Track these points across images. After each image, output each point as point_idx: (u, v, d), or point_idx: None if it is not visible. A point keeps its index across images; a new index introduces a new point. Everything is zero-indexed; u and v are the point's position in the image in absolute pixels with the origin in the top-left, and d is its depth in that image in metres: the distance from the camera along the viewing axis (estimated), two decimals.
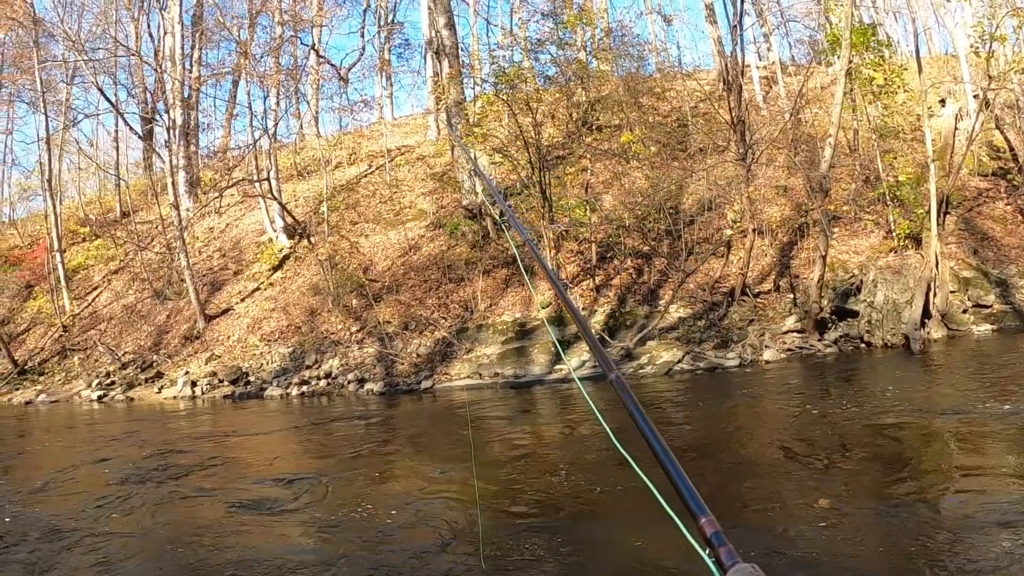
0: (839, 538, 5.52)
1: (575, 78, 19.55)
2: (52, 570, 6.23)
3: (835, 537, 5.53)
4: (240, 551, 6.36)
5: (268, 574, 5.74)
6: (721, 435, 9.40)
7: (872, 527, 5.67)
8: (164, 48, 29.52)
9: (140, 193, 32.62)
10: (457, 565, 5.65)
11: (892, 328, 14.26)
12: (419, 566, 5.70)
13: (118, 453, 11.78)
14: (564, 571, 5.51)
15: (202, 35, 29.56)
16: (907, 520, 5.65)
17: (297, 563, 5.92)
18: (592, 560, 5.62)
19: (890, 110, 19.94)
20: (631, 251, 17.68)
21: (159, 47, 30.84)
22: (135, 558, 6.41)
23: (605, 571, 5.43)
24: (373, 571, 5.70)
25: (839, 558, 5.23)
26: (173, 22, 27.71)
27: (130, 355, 21.18)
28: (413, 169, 25.74)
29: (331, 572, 5.71)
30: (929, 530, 5.47)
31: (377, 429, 12.49)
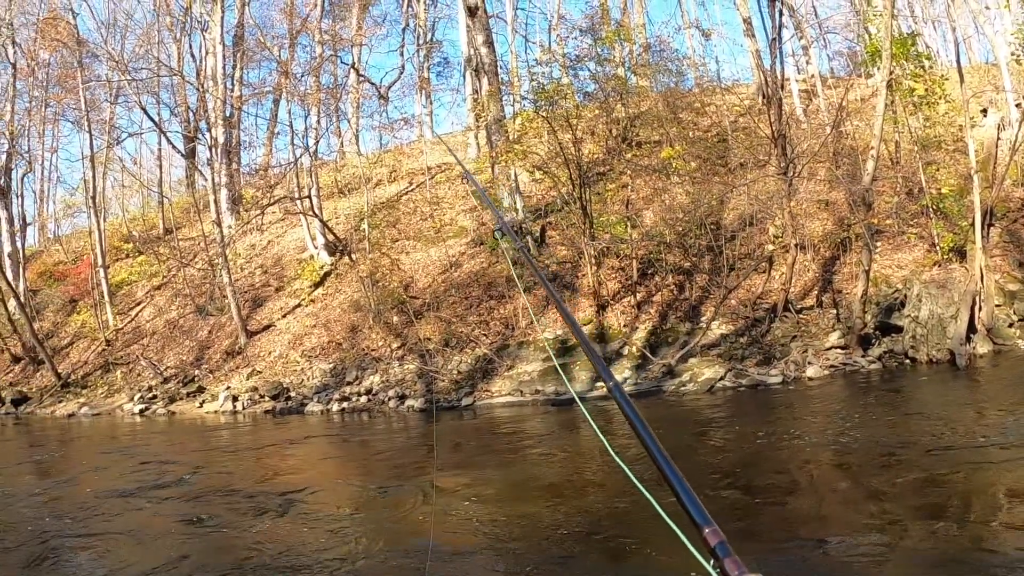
0: (879, 566, 5.44)
1: (614, 94, 19.52)
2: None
3: (874, 565, 5.46)
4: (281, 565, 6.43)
5: None
6: (762, 454, 9.27)
7: (913, 557, 5.56)
8: (206, 68, 30.04)
9: (183, 210, 33.19)
10: None
11: (937, 343, 13.99)
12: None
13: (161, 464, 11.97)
14: None
15: (243, 55, 30.01)
16: (950, 549, 5.55)
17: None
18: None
19: (932, 121, 19.71)
20: (672, 267, 17.59)
21: (201, 67, 31.42)
22: (166, 566, 6.51)
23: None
24: None
25: None
26: (214, 42, 28.17)
27: (172, 370, 21.48)
28: (453, 186, 25.90)
29: None
30: (972, 562, 5.36)
31: (416, 445, 12.58)
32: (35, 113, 34.89)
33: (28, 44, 32.99)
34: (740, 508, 6.86)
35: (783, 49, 20.36)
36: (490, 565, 6.31)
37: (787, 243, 16.24)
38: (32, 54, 32.90)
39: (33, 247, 38.17)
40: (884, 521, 6.21)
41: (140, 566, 6.70)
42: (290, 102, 26.18)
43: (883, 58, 15.70)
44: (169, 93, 33.17)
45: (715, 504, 7.00)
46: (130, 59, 31.07)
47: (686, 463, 9.03)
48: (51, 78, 33.79)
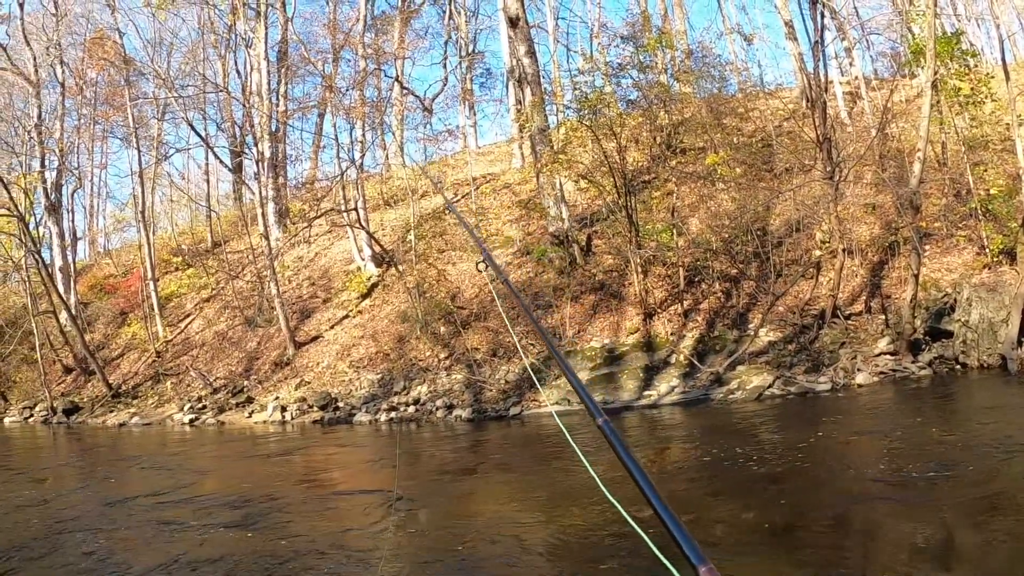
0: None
1: (657, 101, 19.52)
2: None
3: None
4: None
5: None
6: (812, 463, 9.17)
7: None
8: (251, 84, 30.61)
9: (230, 224, 33.78)
10: None
11: (988, 348, 13.77)
12: None
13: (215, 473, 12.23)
14: None
15: (287, 70, 30.49)
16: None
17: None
18: None
19: (978, 121, 19.44)
20: (719, 274, 17.54)
21: (246, 83, 32.04)
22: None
23: None
24: None
25: None
26: (259, 58, 28.63)
27: (221, 380, 21.86)
28: (499, 197, 26.07)
29: None
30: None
31: (464, 454, 12.70)
32: (84, 131, 35.81)
33: (76, 63, 33.89)
34: (791, 519, 6.85)
35: (826, 52, 20.28)
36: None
37: (834, 248, 16.12)
38: (80, 73, 33.75)
39: (84, 261, 39.08)
40: (938, 534, 6.18)
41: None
42: (335, 116, 26.48)
43: (927, 58, 15.53)
44: (215, 109, 33.85)
45: (752, 514, 7.02)
46: (176, 76, 31.85)
47: (734, 473, 9.06)
48: (99, 96, 34.61)
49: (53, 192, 31.09)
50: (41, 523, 9.68)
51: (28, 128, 32.33)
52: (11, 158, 33.73)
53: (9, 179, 28.43)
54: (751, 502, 7.41)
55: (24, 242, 26.68)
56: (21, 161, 33.22)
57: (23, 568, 7.64)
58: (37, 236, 29.51)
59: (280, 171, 29.15)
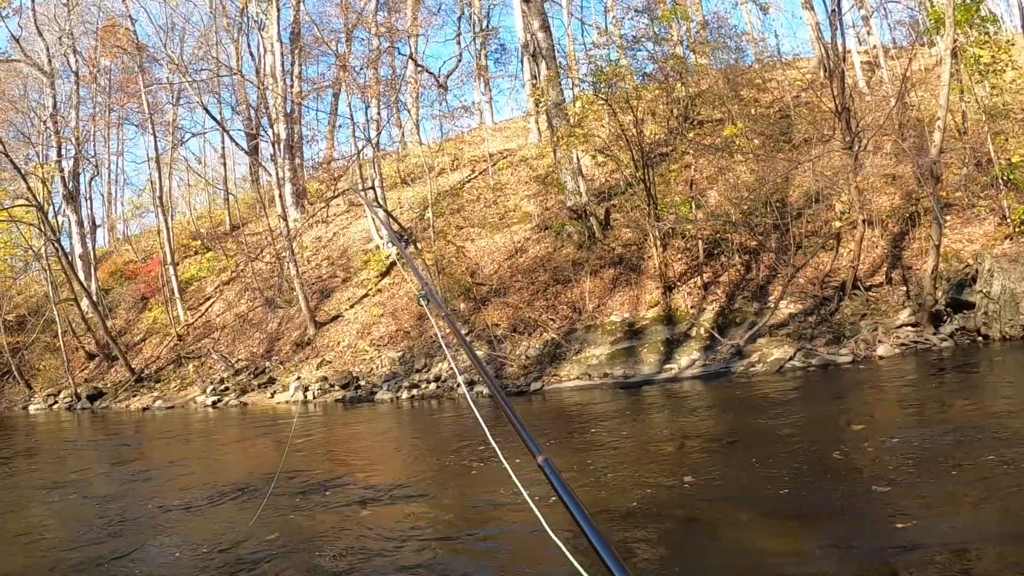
0: (960, 554, 5.37)
1: (673, 74, 19.41)
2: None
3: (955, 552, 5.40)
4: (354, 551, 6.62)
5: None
6: (830, 434, 9.15)
7: (995, 545, 5.46)
8: (265, 66, 30.66)
9: (248, 206, 33.94)
10: None
11: (1010, 319, 13.67)
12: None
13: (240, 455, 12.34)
14: None
15: (301, 51, 30.50)
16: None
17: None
18: None
19: (999, 89, 19.24)
20: (738, 247, 17.48)
21: (260, 65, 32.08)
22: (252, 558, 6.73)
23: None
24: None
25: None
26: (272, 40, 28.66)
27: (243, 362, 22.06)
28: (516, 172, 26.02)
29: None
30: None
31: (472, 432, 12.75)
32: (99, 118, 35.91)
33: (89, 52, 33.94)
34: (818, 491, 6.85)
35: (843, 21, 20.03)
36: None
37: (854, 219, 16.04)
38: (93, 61, 33.84)
39: (104, 248, 39.37)
40: (961, 507, 6.15)
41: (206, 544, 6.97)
42: (350, 95, 26.52)
43: (947, 26, 15.37)
44: (230, 92, 33.96)
45: (775, 485, 7.03)
46: (189, 61, 31.84)
47: (758, 447, 9.05)
48: (113, 84, 34.86)
49: (71, 181, 31.30)
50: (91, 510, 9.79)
51: (44, 118, 32.53)
52: (28, 148, 33.94)
53: (27, 169, 28.69)
54: (773, 474, 7.41)
55: (43, 231, 26.94)
56: (38, 151, 33.50)
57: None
58: (56, 225, 29.75)
59: (296, 152, 29.25)
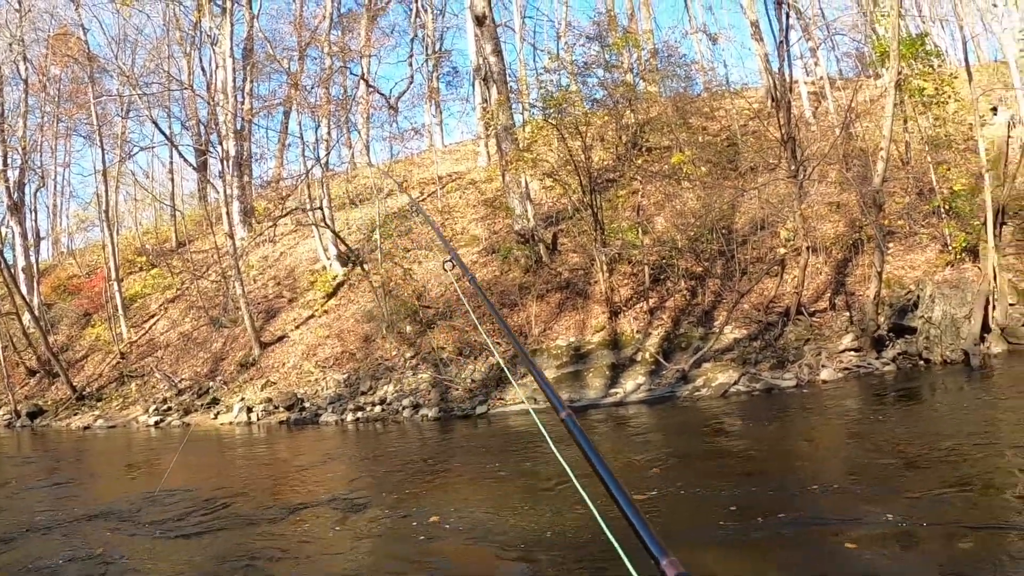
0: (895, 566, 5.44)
1: (623, 100, 19.54)
2: None
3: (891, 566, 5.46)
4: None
5: None
6: (775, 456, 9.27)
7: (929, 561, 5.54)
8: (216, 81, 30.30)
9: (195, 223, 33.42)
10: None
11: (951, 344, 13.94)
12: None
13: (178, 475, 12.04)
14: None
15: (253, 68, 30.18)
16: (965, 554, 5.53)
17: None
18: None
19: (941, 120, 19.65)
20: (684, 273, 17.59)
21: (211, 80, 31.70)
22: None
23: None
24: None
25: None
26: (224, 56, 28.35)
27: (186, 381, 21.59)
28: (464, 195, 25.96)
29: None
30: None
31: (430, 454, 12.60)
32: (47, 128, 35.20)
33: (39, 60, 33.28)
34: (756, 513, 6.86)
35: (791, 52, 20.34)
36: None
37: (799, 246, 16.22)
38: (43, 70, 33.18)
39: (47, 261, 38.49)
40: (901, 524, 6.20)
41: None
42: (300, 114, 26.32)
43: (891, 58, 15.69)
44: (180, 107, 33.52)
45: (722, 508, 7.02)
46: (141, 73, 31.32)
47: (701, 469, 9.09)
48: (63, 93, 34.05)
49: (16, 191, 30.55)
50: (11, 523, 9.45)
51: None
52: None
53: None
54: (715, 497, 7.41)
55: None
56: None
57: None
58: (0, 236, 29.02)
59: (245, 170, 28.91)
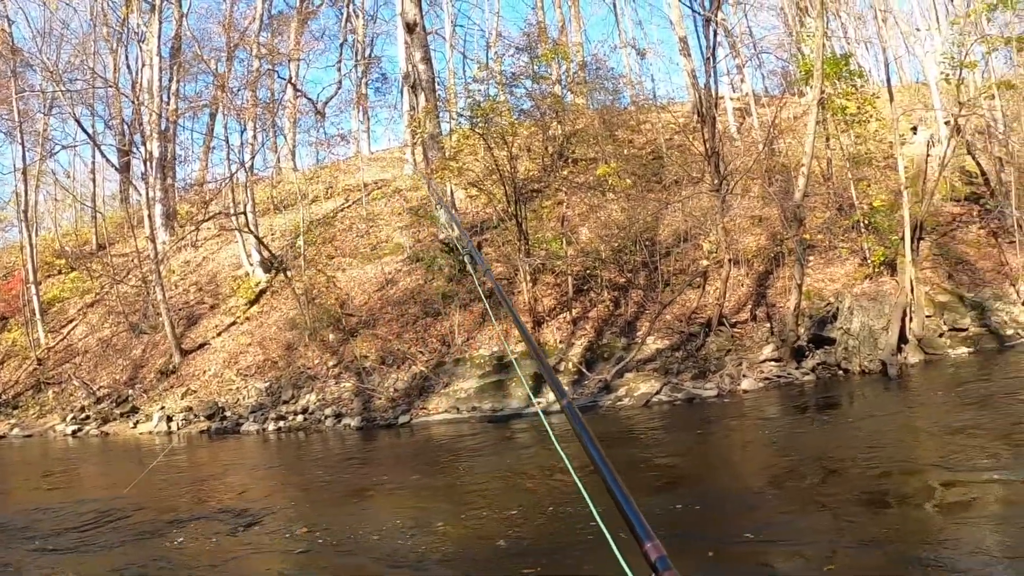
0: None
1: (550, 112, 19.64)
2: None
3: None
4: None
5: None
6: (696, 467, 9.41)
7: (848, 560, 5.64)
8: (142, 80, 29.47)
9: (116, 225, 32.40)
10: None
11: (869, 354, 14.31)
12: None
13: (94, 488, 11.70)
14: None
15: (180, 68, 29.53)
16: (881, 557, 5.63)
17: None
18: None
19: (863, 138, 20.14)
20: (608, 283, 17.72)
21: (137, 79, 30.80)
22: None
23: None
24: None
25: None
26: (151, 54, 27.67)
27: (105, 389, 20.97)
28: (390, 203, 25.72)
29: None
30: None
31: (351, 466, 12.44)
32: None
33: None
34: (676, 521, 6.90)
35: (717, 68, 20.68)
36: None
37: (721, 258, 16.46)
38: None
39: None
40: (818, 530, 6.30)
41: None
42: (226, 116, 25.80)
43: (815, 77, 16.05)
44: (104, 105, 32.42)
45: (650, 518, 7.02)
46: (65, 69, 30.36)
47: (622, 475, 9.03)
48: None
49: None
50: None
51: None
52: None
53: None
54: (637, 502, 7.40)
55: None
56: None
57: None
58: None
59: (168, 172, 28.23)
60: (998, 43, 18.02)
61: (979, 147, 19.99)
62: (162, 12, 27.91)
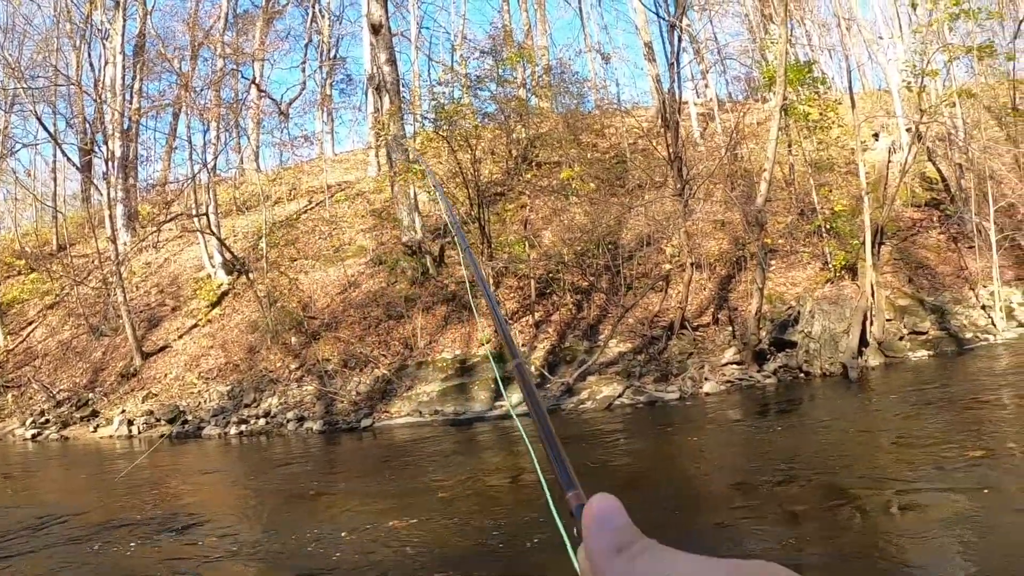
0: None
1: (515, 115, 19.65)
2: None
3: None
4: None
5: None
6: (658, 469, 9.45)
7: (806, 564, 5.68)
8: (105, 78, 29.10)
9: (77, 226, 31.92)
10: None
11: (830, 357, 14.46)
12: None
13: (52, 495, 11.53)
14: None
15: (143, 66, 29.17)
16: (840, 559, 5.68)
17: None
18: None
19: (825, 144, 20.35)
20: (571, 287, 17.76)
21: (100, 77, 30.40)
22: None
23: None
24: None
25: None
26: (115, 52, 27.31)
27: (65, 392, 20.64)
28: (353, 205, 25.62)
29: None
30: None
31: (313, 470, 12.37)
32: None
33: None
34: (637, 518, 6.91)
35: (681, 73, 20.82)
36: None
37: (683, 262, 16.55)
38: None
39: None
40: (777, 530, 6.34)
41: None
42: (189, 116, 25.52)
43: (778, 83, 16.18)
44: (66, 103, 32.00)
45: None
46: (27, 66, 29.92)
47: (584, 479, 9.07)
48: None
49: None
50: None
51: None
52: None
53: None
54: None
55: None
56: None
57: None
58: None
59: (130, 172, 27.88)
60: (959, 52, 18.33)
61: (940, 154, 20.30)
62: (126, 9, 27.59)
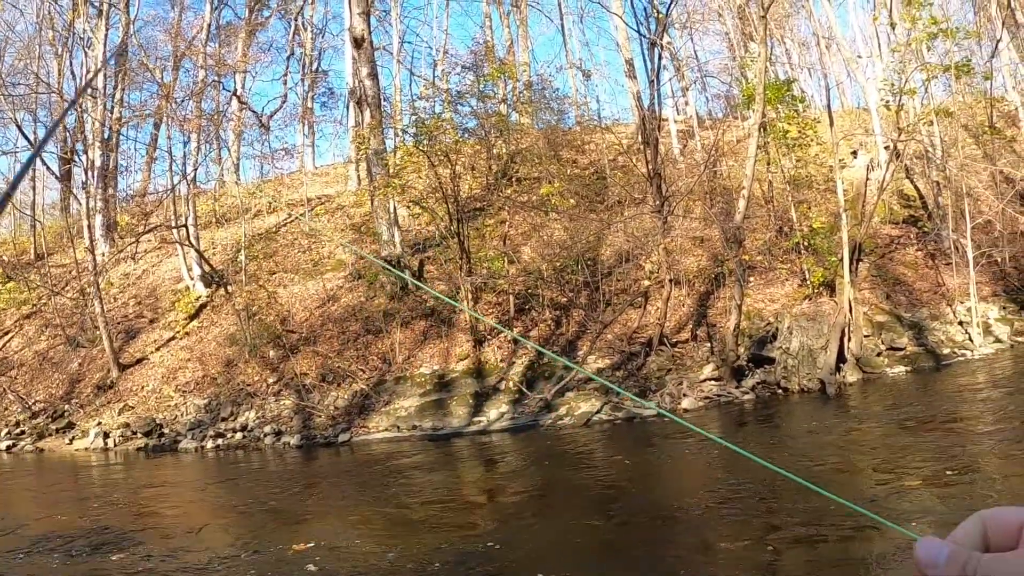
0: None
1: (495, 130, 19.71)
2: None
3: None
4: None
5: None
6: (636, 485, 9.47)
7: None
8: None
9: (55, 235, 31.66)
10: None
11: (808, 373, 14.53)
12: None
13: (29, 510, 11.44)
14: None
15: (125, 75, 29.02)
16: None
17: None
18: None
19: (803, 162, 20.51)
20: (549, 303, 17.81)
21: (81, 85, 30.22)
22: None
23: None
24: None
25: None
26: (97, 60, 27.17)
27: (41, 404, 20.44)
28: (333, 219, 25.57)
29: None
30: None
31: (287, 484, 12.32)
32: None
33: None
34: (614, 538, 6.94)
35: (661, 91, 20.93)
36: None
37: (662, 279, 16.61)
38: None
39: None
40: (757, 547, 6.36)
41: None
42: (170, 127, 25.43)
43: (757, 101, 16.31)
44: (47, 111, 31.76)
45: (588, 536, 7.10)
46: (7, 73, 29.68)
47: (562, 496, 9.16)
48: None
49: None
50: None
51: None
52: None
53: None
54: (576, 523, 7.50)
55: None
56: None
57: None
58: None
59: (110, 182, 27.67)
60: (937, 71, 18.51)
61: (917, 171, 20.52)
62: (110, 18, 27.46)
